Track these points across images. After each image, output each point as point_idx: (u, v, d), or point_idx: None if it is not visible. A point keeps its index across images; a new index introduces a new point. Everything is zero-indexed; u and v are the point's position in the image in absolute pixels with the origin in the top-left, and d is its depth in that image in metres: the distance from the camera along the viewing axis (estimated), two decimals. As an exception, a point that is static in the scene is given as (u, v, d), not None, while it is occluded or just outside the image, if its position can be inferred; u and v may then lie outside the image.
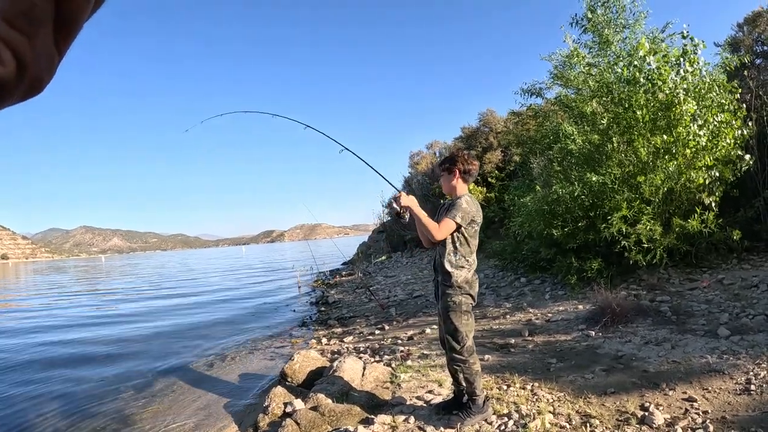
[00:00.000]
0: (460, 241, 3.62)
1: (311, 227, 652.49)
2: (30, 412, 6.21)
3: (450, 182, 3.77)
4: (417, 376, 5.15)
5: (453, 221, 3.54)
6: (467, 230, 3.61)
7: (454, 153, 3.86)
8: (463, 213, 3.55)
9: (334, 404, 4.34)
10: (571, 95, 9.80)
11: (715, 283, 7.18)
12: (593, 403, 4.02)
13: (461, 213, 3.54)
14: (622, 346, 5.42)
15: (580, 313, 7.04)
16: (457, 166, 3.72)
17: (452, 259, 3.61)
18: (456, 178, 3.74)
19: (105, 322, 13.03)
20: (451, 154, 3.85)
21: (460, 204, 3.58)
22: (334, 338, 8.23)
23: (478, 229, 3.72)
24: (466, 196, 3.66)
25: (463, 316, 3.62)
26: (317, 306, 12.87)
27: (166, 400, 6.19)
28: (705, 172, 7.68)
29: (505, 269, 11.42)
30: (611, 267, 8.16)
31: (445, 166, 3.78)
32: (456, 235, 3.61)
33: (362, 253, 27.27)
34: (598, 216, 8.07)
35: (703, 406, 3.75)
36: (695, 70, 7.79)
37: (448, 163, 3.76)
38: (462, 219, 3.54)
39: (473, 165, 3.76)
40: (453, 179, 3.75)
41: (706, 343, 5.12)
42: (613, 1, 8.76)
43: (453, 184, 3.76)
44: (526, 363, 5.31)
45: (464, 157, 3.76)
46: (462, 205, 3.57)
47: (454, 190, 3.76)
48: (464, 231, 3.60)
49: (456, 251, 3.62)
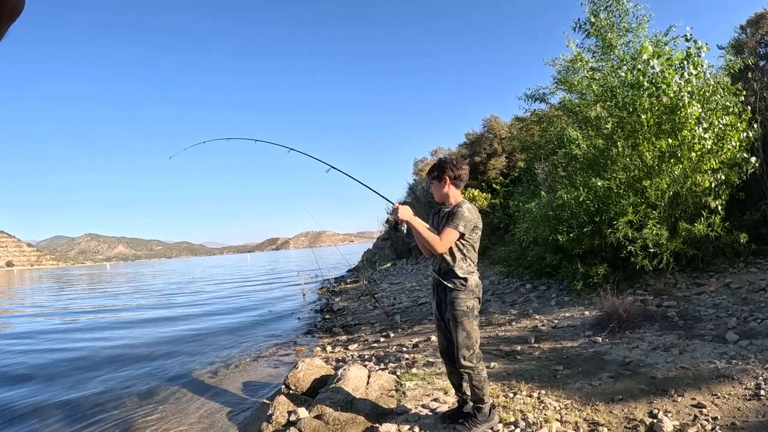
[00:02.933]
0: (467, 249, 3.58)
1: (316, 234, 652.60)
2: (32, 418, 6.23)
3: (441, 190, 3.71)
4: (422, 384, 5.10)
5: (456, 231, 3.48)
6: (471, 237, 3.57)
7: (441, 159, 3.79)
8: (466, 221, 3.49)
9: (338, 413, 4.30)
10: (575, 100, 9.77)
11: (723, 288, 7.11)
12: (601, 410, 3.97)
13: (463, 222, 3.48)
14: (629, 352, 5.36)
15: (587, 319, 6.98)
16: (446, 173, 3.66)
17: (463, 265, 3.57)
18: (447, 185, 3.68)
19: (109, 328, 13.04)
20: (438, 161, 3.80)
21: (462, 213, 3.51)
22: (339, 346, 8.19)
23: (479, 235, 3.68)
24: (466, 204, 3.60)
25: (474, 321, 3.59)
26: (322, 313, 12.85)
27: (169, 408, 6.19)
28: (711, 176, 7.63)
29: (510, 275, 11.36)
30: (617, 272, 8.10)
31: (434, 174, 3.72)
32: (462, 242, 3.55)
33: (367, 261, 27.24)
34: (604, 221, 8.02)
35: (713, 412, 3.70)
36: (699, 72, 7.76)
37: (436, 170, 3.70)
38: (465, 227, 3.49)
39: (463, 169, 3.70)
40: (444, 186, 3.69)
41: (715, 348, 5.06)
42: (616, 5, 8.74)
43: (445, 192, 3.70)
44: (532, 370, 5.25)
45: (453, 163, 3.70)
46: (464, 213, 3.50)
47: (447, 197, 3.71)
48: (469, 238, 3.56)
49: (465, 258, 3.58)
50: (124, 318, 15.58)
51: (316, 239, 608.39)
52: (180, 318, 14.61)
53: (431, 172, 3.76)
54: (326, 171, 4.85)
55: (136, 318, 15.32)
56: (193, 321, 13.64)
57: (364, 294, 14.70)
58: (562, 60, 9.64)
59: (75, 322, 15.19)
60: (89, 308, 19.71)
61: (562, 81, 9.70)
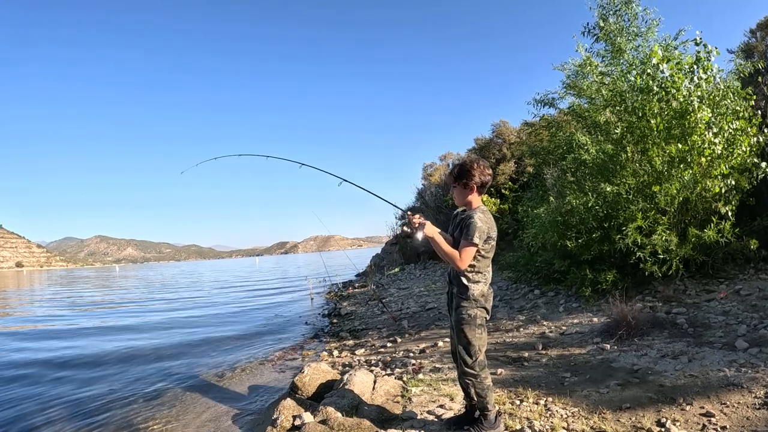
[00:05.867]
0: (477, 258, 3.52)
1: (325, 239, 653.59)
2: (37, 417, 6.27)
3: (465, 197, 3.61)
4: (428, 390, 5.08)
5: (472, 246, 3.42)
6: (484, 247, 3.51)
7: (467, 163, 3.60)
8: (479, 232, 3.41)
9: (343, 418, 4.29)
10: (584, 105, 9.74)
11: (732, 294, 7.04)
12: (608, 418, 3.93)
13: (477, 233, 3.40)
14: (637, 360, 5.32)
15: (595, 325, 6.93)
16: (473, 180, 3.53)
17: (470, 275, 3.52)
18: (472, 193, 3.58)
19: (114, 331, 13.06)
20: (463, 164, 3.62)
21: (475, 223, 3.41)
22: (346, 351, 8.18)
23: (494, 244, 3.60)
24: (479, 213, 3.49)
25: (476, 329, 3.54)
26: (329, 318, 12.85)
27: (174, 411, 6.21)
28: (721, 181, 7.56)
29: (518, 281, 11.31)
30: (626, 279, 8.04)
31: (461, 181, 3.60)
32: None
33: (375, 265, 27.23)
34: (613, 227, 7.97)
35: (722, 421, 3.66)
36: (709, 77, 7.70)
37: (464, 177, 3.56)
38: (479, 238, 3.42)
39: (489, 175, 3.60)
40: (469, 193, 3.58)
41: (724, 356, 5.01)
42: (625, 10, 8.71)
43: (468, 199, 3.60)
44: (539, 377, 5.22)
45: (480, 168, 3.55)
46: (477, 224, 3.41)
47: (469, 204, 3.61)
48: (481, 248, 3.50)
49: (474, 267, 3.52)
50: (131, 321, 15.60)
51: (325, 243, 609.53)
52: (187, 320, 14.67)
53: (457, 177, 3.60)
54: (338, 184, 4.84)
55: (144, 321, 15.34)
56: (200, 325, 13.66)
57: (372, 299, 14.70)
58: (572, 64, 9.63)
59: (80, 325, 15.22)
60: (97, 310, 19.79)
61: (571, 85, 9.67)
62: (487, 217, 3.52)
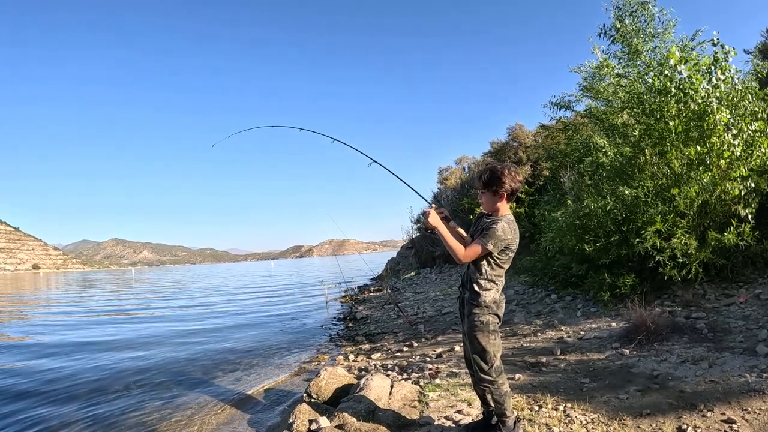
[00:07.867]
0: (492, 266, 3.46)
1: (340, 243, 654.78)
2: (52, 418, 6.35)
3: (494, 204, 3.51)
4: (445, 395, 5.06)
5: (483, 248, 3.36)
6: (500, 257, 3.44)
7: (497, 169, 3.48)
8: (496, 240, 3.35)
9: (359, 423, 4.27)
10: (601, 107, 9.65)
11: (753, 299, 6.93)
12: (628, 425, 3.89)
13: (494, 240, 3.34)
14: (657, 365, 5.25)
15: (614, 330, 6.86)
16: (504, 187, 3.43)
17: (483, 282, 3.47)
18: (502, 200, 3.49)
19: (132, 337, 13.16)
20: (494, 170, 3.49)
21: (495, 230, 3.35)
22: (362, 355, 8.18)
23: (512, 256, 3.53)
24: (503, 222, 3.41)
25: (490, 335, 3.50)
26: (345, 322, 12.88)
27: (190, 413, 6.26)
28: (740, 183, 7.44)
29: (535, 285, 11.23)
30: (645, 283, 7.95)
31: (491, 188, 3.47)
32: (490, 259, 3.45)
33: (391, 269, 27.22)
34: (631, 230, 7.88)
35: (743, 428, 3.60)
36: (727, 78, 7.60)
37: (494, 184, 3.44)
38: (494, 246, 3.35)
39: (520, 182, 3.51)
40: (499, 200, 3.49)
41: (745, 362, 4.94)
42: (642, 11, 8.64)
43: (497, 206, 3.51)
44: (558, 382, 5.17)
45: (512, 175, 3.44)
46: (497, 232, 3.34)
47: (497, 211, 3.51)
48: (498, 257, 3.43)
49: (488, 274, 3.47)
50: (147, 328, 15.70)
51: (340, 247, 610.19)
52: (205, 326, 14.72)
53: (487, 183, 3.48)
54: (368, 164, 4.93)
55: (159, 327, 15.43)
56: (215, 328, 13.75)
57: (388, 303, 14.69)
58: (588, 67, 9.55)
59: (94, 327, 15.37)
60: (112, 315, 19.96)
61: (588, 88, 9.60)
62: (511, 228, 3.44)
